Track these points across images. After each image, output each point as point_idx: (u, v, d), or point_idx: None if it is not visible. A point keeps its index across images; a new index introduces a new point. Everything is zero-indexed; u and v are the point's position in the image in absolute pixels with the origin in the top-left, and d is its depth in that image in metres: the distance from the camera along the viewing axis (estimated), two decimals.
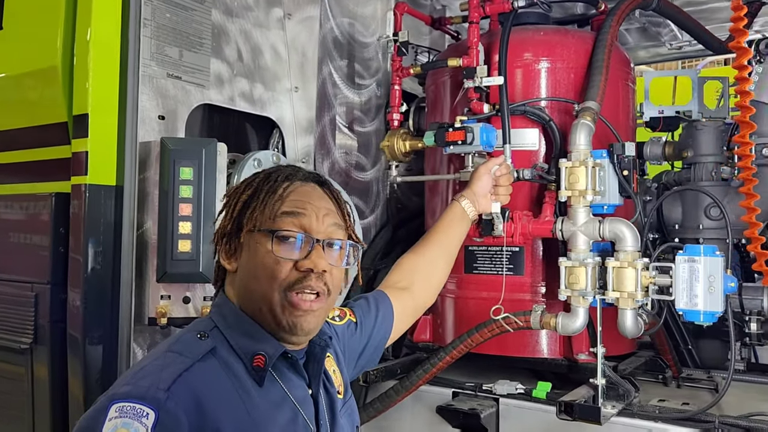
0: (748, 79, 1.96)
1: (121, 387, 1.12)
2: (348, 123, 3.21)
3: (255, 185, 1.33)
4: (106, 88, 2.13)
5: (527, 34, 2.69)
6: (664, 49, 3.98)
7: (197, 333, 1.24)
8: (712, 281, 2.04)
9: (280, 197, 1.29)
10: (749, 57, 2.00)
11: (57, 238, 2.18)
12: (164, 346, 1.24)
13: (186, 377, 1.13)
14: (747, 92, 1.99)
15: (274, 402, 1.25)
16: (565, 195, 2.30)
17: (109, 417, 1.06)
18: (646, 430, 2.18)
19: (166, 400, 1.08)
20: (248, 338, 1.26)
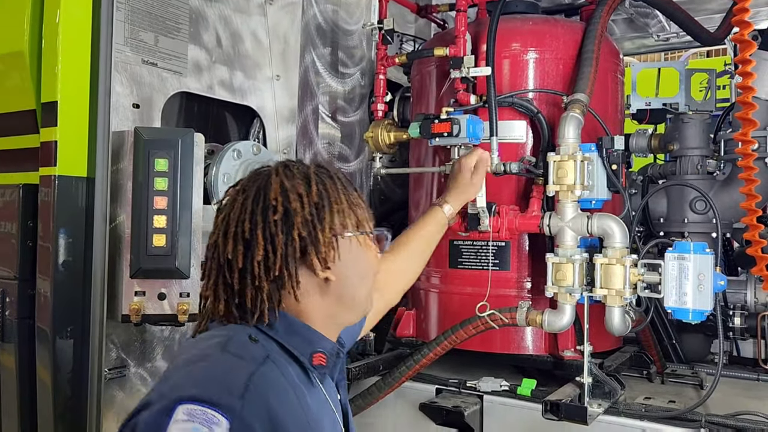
0: (752, 74, 1.90)
1: (186, 388, 1.04)
2: (331, 113, 3.14)
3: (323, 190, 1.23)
4: (77, 74, 2.03)
5: (515, 24, 2.63)
6: (651, 41, 3.95)
7: (246, 336, 1.17)
8: (701, 279, 2.00)
9: (359, 197, 1.31)
10: (753, 50, 1.94)
11: (25, 232, 2.08)
12: (212, 346, 1.14)
13: (255, 383, 1.07)
14: (750, 87, 1.93)
15: (321, 404, 1.24)
16: (553, 189, 2.25)
17: (175, 419, 0.99)
18: (633, 429, 2.15)
19: (241, 409, 1.02)
20: (302, 339, 1.22)
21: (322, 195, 1.22)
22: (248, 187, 1.23)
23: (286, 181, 1.22)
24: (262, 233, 1.18)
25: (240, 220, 1.20)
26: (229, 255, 1.18)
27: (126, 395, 2.18)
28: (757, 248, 2.11)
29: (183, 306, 2.10)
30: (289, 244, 1.18)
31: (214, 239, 1.23)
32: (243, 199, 1.22)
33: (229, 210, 1.23)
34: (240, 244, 1.18)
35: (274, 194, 1.20)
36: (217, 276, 1.21)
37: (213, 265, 1.22)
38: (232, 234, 1.19)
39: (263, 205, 1.20)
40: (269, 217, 1.18)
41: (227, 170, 2.44)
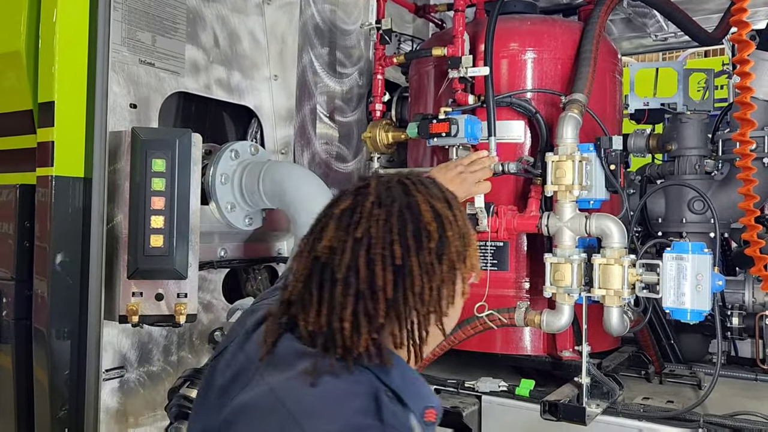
0: (750, 74, 1.90)
1: None
2: (329, 112, 3.13)
3: (464, 218, 1.13)
4: (74, 74, 2.02)
5: (514, 24, 2.62)
6: (649, 41, 3.95)
7: (383, 393, 1.01)
8: (699, 279, 2.00)
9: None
10: (751, 50, 1.94)
11: (22, 232, 2.07)
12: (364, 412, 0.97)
13: None
14: (748, 88, 1.93)
15: None
16: (551, 190, 2.25)
17: None
18: (631, 429, 2.15)
19: None
20: (416, 390, 1.08)
21: (464, 224, 1.12)
22: (385, 200, 1.07)
23: (435, 203, 1.09)
24: (417, 262, 1.04)
25: (387, 242, 1.03)
26: (378, 282, 1.02)
27: (124, 396, 2.18)
28: (755, 248, 2.11)
29: (180, 306, 2.10)
30: (443, 277, 1.06)
31: (347, 260, 1.03)
32: (385, 216, 1.05)
33: (368, 226, 1.04)
34: (390, 271, 1.02)
35: (427, 217, 1.06)
36: (356, 304, 1.02)
37: (351, 291, 1.03)
38: (380, 258, 1.02)
39: (415, 228, 1.05)
40: (424, 243, 1.05)
41: (225, 170, 2.44)
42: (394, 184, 1.10)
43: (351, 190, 1.11)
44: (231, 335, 1.26)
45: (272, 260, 2.78)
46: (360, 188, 1.11)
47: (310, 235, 1.11)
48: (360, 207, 1.06)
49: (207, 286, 2.50)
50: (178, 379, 2.06)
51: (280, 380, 1.02)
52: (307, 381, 0.99)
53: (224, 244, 2.55)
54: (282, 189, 2.36)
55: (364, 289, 1.02)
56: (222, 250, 2.54)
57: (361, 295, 1.02)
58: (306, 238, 1.11)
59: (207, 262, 2.43)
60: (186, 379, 2.02)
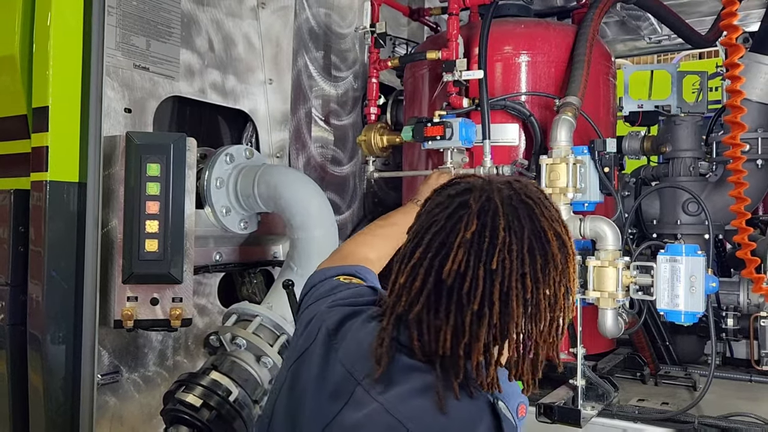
0: (740, 78, 1.91)
1: None
2: (324, 116, 3.13)
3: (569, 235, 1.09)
4: (68, 79, 2.01)
5: (507, 27, 2.64)
6: (643, 43, 3.96)
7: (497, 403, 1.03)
8: (693, 281, 2.01)
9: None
10: (741, 54, 1.95)
11: (16, 237, 2.07)
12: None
13: None
14: (739, 91, 1.94)
15: None
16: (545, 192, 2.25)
17: None
18: (626, 431, 2.15)
19: None
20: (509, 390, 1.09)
21: (572, 245, 1.08)
22: (516, 228, 1.02)
23: (557, 228, 1.05)
24: (544, 297, 1.02)
25: (520, 274, 1.00)
26: (513, 317, 0.99)
27: (119, 401, 2.18)
28: (746, 251, 2.12)
29: (176, 311, 2.10)
30: (561, 306, 1.05)
31: (481, 292, 0.99)
32: (517, 245, 1.01)
33: (502, 257, 1.00)
34: (521, 306, 1.00)
35: (555, 248, 1.03)
36: (487, 336, 1.00)
37: (484, 322, 1.00)
38: (515, 290, 0.99)
39: (543, 260, 1.02)
40: (550, 274, 1.02)
41: (220, 174, 2.44)
42: (518, 204, 1.05)
43: (474, 208, 1.04)
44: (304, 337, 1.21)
45: (268, 264, 2.77)
46: (484, 204, 1.04)
47: (426, 250, 1.04)
48: (491, 232, 1.01)
49: (202, 290, 2.50)
50: (173, 383, 2.06)
51: (391, 397, 1.00)
52: (431, 403, 0.97)
53: (220, 248, 2.55)
54: (277, 193, 2.36)
55: (497, 323, 1.00)
56: (217, 254, 2.54)
57: (493, 328, 1.00)
58: (421, 251, 1.05)
59: (202, 266, 2.43)
60: (181, 384, 2.01)
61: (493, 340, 1.01)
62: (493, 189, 1.06)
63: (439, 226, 1.04)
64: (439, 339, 1.01)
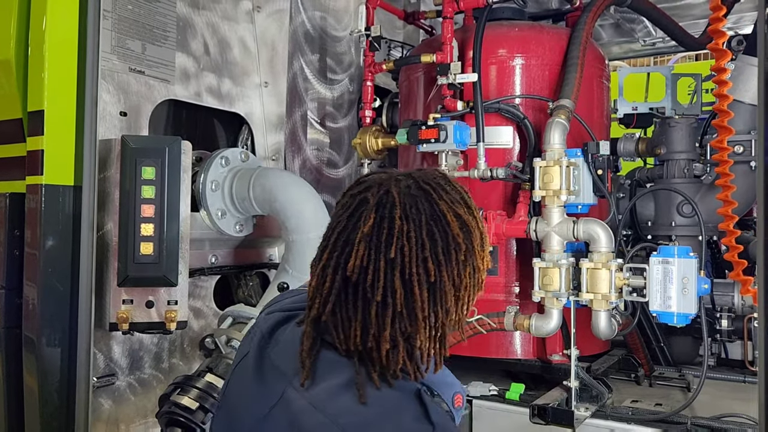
0: (727, 83, 1.93)
1: None
2: (320, 118, 3.15)
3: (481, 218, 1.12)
4: (64, 83, 2.02)
5: (502, 30, 2.65)
6: (638, 45, 3.97)
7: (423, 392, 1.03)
8: (685, 283, 2.02)
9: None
10: (728, 59, 1.97)
11: (12, 241, 2.07)
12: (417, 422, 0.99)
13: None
14: (726, 96, 1.95)
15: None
16: (539, 195, 2.26)
17: None
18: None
19: None
20: (444, 380, 1.11)
21: (481, 224, 1.10)
22: (413, 215, 1.04)
23: (457, 210, 1.07)
24: (447, 276, 1.03)
25: (420, 259, 1.02)
26: (417, 302, 1.01)
27: (115, 403, 2.19)
28: (733, 253, 2.13)
29: (171, 313, 2.10)
30: (467, 284, 1.06)
31: (383, 282, 1.01)
32: (415, 232, 1.03)
33: (401, 245, 1.02)
34: (425, 289, 1.02)
35: (455, 229, 1.05)
36: (393, 325, 1.01)
37: (389, 312, 1.01)
38: (416, 276, 1.01)
39: (444, 243, 1.04)
40: (453, 256, 1.04)
41: (215, 177, 2.45)
42: (415, 191, 1.07)
43: (372, 201, 1.06)
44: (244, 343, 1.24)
45: (263, 266, 2.78)
46: (382, 197, 1.06)
47: (332, 250, 1.06)
48: (388, 223, 1.03)
49: (198, 293, 2.50)
50: (168, 386, 2.06)
51: (318, 394, 1.02)
52: (353, 396, 0.99)
53: (215, 250, 2.56)
54: (272, 195, 2.37)
55: (402, 310, 1.01)
56: (213, 256, 2.55)
57: (398, 316, 1.01)
58: (328, 252, 1.06)
59: (198, 269, 2.44)
60: (177, 386, 2.02)
61: (401, 328, 1.02)
62: (391, 182, 1.08)
63: (342, 226, 1.07)
64: (351, 334, 1.03)
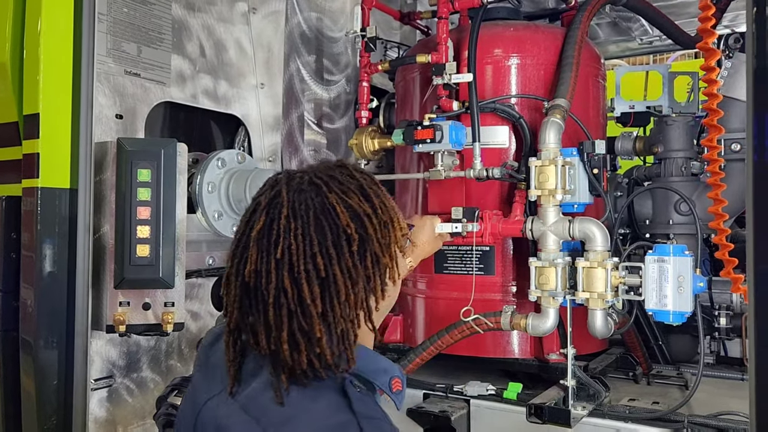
0: (717, 81, 1.93)
1: None
2: (317, 119, 3.15)
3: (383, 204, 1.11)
4: (59, 86, 2.03)
5: (497, 30, 2.65)
6: (635, 44, 3.98)
7: (350, 384, 1.04)
8: (681, 281, 2.02)
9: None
10: (717, 58, 1.97)
11: (8, 244, 2.08)
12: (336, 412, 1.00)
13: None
14: (715, 95, 1.96)
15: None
16: (534, 194, 2.26)
17: None
18: (616, 430, 2.16)
19: None
20: (378, 367, 1.11)
21: (383, 210, 1.10)
22: (300, 211, 1.04)
23: (349, 200, 1.07)
24: (339, 269, 1.03)
25: (308, 255, 1.02)
26: (306, 300, 1.01)
27: (112, 405, 2.19)
28: (724, 252, 2.14)
29: (168, 315, 2.11)
30: (366, 274, 1.06)
31: (277, 282, 1.02)
32: (302, 228, 1.03)
33: (287, 244, 1.02)
34: (315, 285, 1.02)
35: (344, 220, 1.04)
36: (290, 324, 1.02)
37: (283, 312, 1.02)
38: (304, 273, 1.01)
39: (334, 236, 1.04)
40: (344, 248, 1.04)
41: (211, 179, 2.46)
42: (306, 187, 1.07)
43: (264, 203, 1.07)
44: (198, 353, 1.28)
45: None
46: (272, 199, 1.07)
47: (234, 257, 1.08)
48: (276, 223, 1.04)
49: (195, 295, 2.51)
50: (166, 387, 2.07)
51: (245, 397, 1.04)
52: (272, 396, 1.01)
53: (212, 252, 2.56)
54: None
55: (295, 308, 1.02)
56: (210, 258, 2.56)
57: (293, 315, 1.02)
58: (230, 260, 1.09)
59: (195, 271, 2.45)
60: (174, 388, 2.02)
61: (299, 327, 1.02)
62: (284, 180, 1.09)
63: (241, 232, 1.08)
64: (259, 338, 1.04)
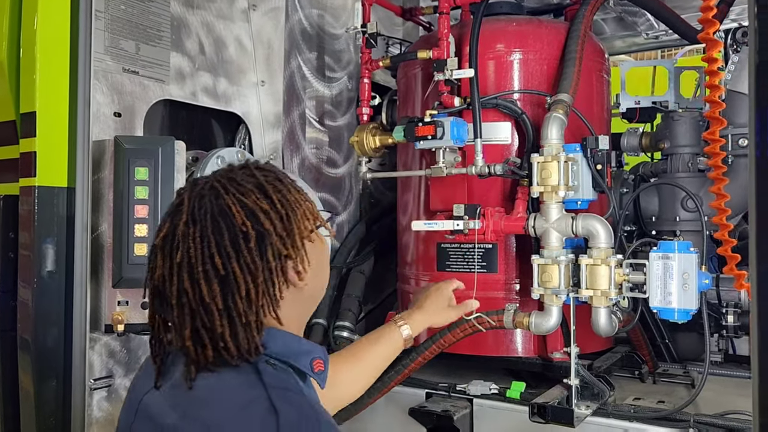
0: (719, 73, 1.89)
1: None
2: (318, 117, 3.13)
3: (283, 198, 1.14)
4: (55, 84, 2.01)
5: (499, 25, 2.62)
6: (641, 39, 3.92)
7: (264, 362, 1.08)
8: (686, 278, 1.99)
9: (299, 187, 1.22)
10: (720, 49, 1.93)
11: (6, 243, 2.07)
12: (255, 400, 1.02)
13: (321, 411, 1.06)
14: (717, 86, 1.92)
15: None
16: (537, 191, 2.24)
17: None
18: (621, 430, 2.14)
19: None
20: (297, 350, 1.16)
21: (284, 203, 1.14)
22: (199, 215, 1.09)
23: (245, 199, 1.10)
24: (239, 266, 1.07)
25: (207, 256, 1.06)
26: (206, 298, 1.06)
27: (112, 406, 2.18)
28: (726, 248, 2.10)
29: None
30: (267, 268, 1.09)
31: (177, 285, 1.07)
32: (200, 231, 1.08)
33: (186, 248, 1.07)
34: (215, 283, 1.06)
35: (240, 218, 1.08)
36: (193, 322, 1.07)
37: (186, 311, 1.07)
38: (202, 274, 1.06)
39: (231, 235, 1.08)
40: (242, 246, 1.07)
41: None
42: (206, 191, 1.11)
43: (170, 210, 1.14)
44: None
45: None
46: (176, 207, 1.12)
47: (149, 262, 1.14)
48: (177, 229, 1.09)
49: None
50: None
51: (168, 388, 1.11)
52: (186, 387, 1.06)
53: None
54: None
55: (197, 307, 1.06)
56: None
57: (195, 313, 1.07)
58: (148, 266, 1.15)
59: None
60: None
61: (202, 324, 1.07)
62: (188, 187, 1.15)
63: (154, 241, 1.15)
64: (168, 335, 1.13)
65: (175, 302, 1.08)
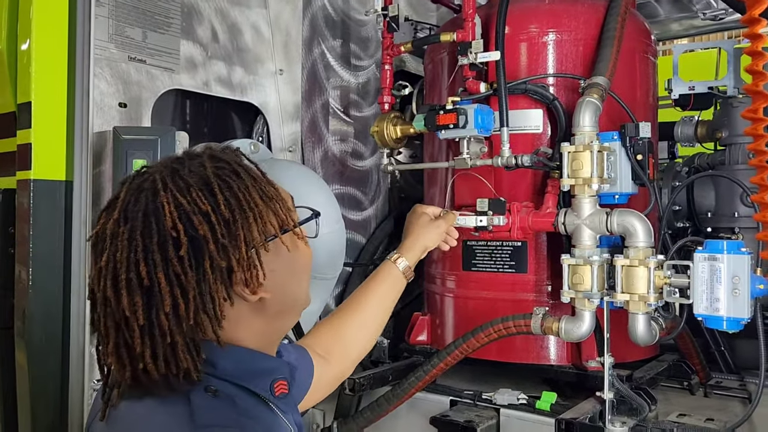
0: (762, 36, 1.62)
1: None
2: (343, 107, 2.99)
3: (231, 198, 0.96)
4: (53, 73, 1.94)
5: (531, 4, 2.41)
6: (698, 20, 3.62)
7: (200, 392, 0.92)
8: (736, 283, 1.75)
9: (269, 183, 1.04)
10: (764, 7, 1.66)
11: (5, 239, 2.02)
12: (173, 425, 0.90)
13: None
14: (761, 53, 1.64)
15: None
16: (567, 183, 2.03)
17: None
18: None
19: None
20: (256, 370, 1.01)
21: (231, 206, 0.95)
22: (132, 213, 0.93)
23: (182, 197, 0.93)
24: (165, 277, 0.90)
25: (132, 262, 0.90)
26: (126, 311, 0.90)
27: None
28: None
29: None
30: (203, 280, 0.92)
31: (102, 292, 0.92)
32: (129, 232, 0.92)
33: (113, 250, 0.92)
34: (137, 295, 0.90)
35: (170, 221, 0.91)
36: (116, 337, 0.92)
37: (109, 322, 0.93)
38: (125, 283, 0.90)
39: (160, 239, 0.91)
40: (171, 253, 0.90)
41: None
42: (147, 185, 0.95)
43: (105, 206, 0.99)
44: None
45: None
46: (112, 201, 0.97)
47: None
48: (104, 228, 0.94)
49: None
50: None
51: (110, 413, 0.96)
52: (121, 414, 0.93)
53: None
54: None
55: (120, 319, 0.91)
56: None
57: (119, 327, 0.92)
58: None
59: None
60: None
61: (124, 340, 0.91)
62: (131, 178, 1.00)
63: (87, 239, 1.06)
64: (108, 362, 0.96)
65: (100, 311, 0.94)
